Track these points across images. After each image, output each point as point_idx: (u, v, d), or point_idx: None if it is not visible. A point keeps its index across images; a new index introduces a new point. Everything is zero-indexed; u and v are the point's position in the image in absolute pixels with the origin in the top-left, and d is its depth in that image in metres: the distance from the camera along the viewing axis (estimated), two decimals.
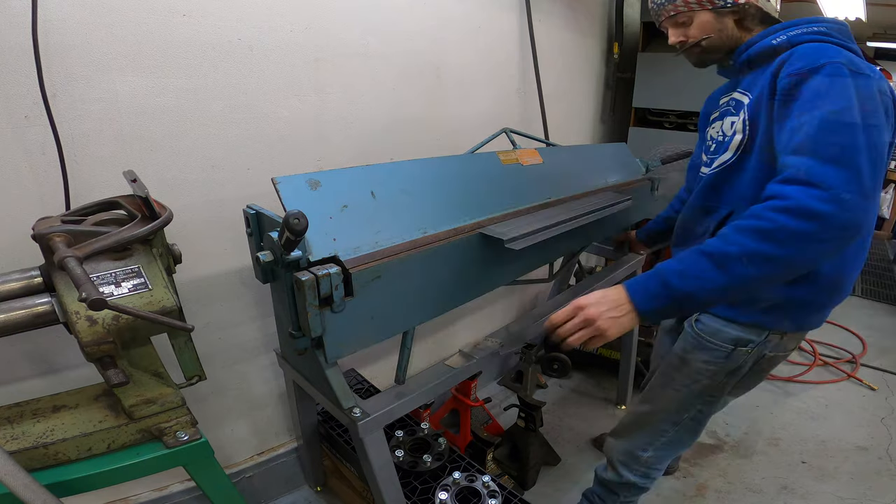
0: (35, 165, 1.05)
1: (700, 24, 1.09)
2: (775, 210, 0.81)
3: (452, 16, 1.72)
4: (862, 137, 0.81)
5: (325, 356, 0.98)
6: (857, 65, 0.87)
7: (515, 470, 1.82)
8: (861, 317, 3.36)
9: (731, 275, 0.82)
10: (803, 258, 0.81)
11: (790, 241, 0.79)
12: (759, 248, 0.81)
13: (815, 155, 0.82)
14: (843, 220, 0.78)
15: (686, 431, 1.24)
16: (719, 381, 1.13)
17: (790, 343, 1.09)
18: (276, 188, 0.91)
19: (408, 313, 1.09)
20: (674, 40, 1.15)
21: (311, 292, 0.86)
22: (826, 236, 0.79)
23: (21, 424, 0.88)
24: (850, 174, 0.79)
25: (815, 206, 0.78)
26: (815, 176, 0.80)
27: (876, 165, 0.81)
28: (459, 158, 1.31)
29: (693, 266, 0.85)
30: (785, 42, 0.99)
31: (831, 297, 1.05)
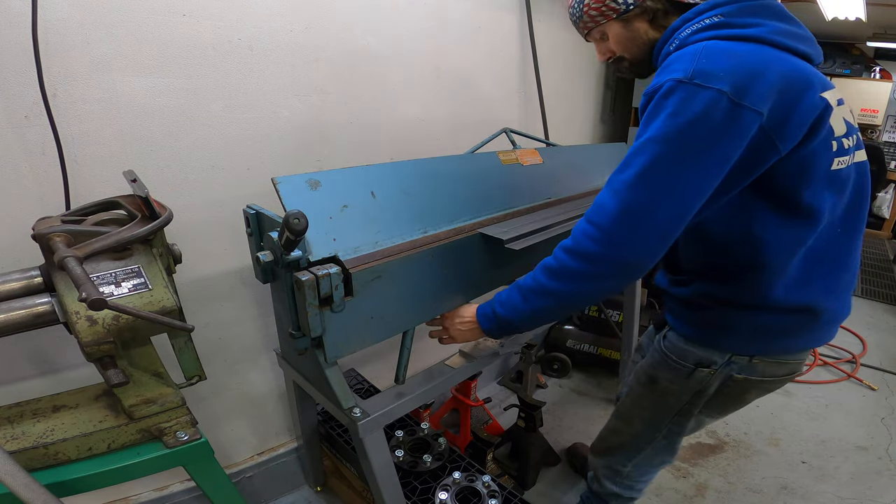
0: (35, 165, 1.05)
1: (614, 36, 1.00)
2: (562, 249, 0.90)
3: (452, 16, 1.72)
4: (650, 170, 0.78)
5: (325, 356, 0.98)
6: (709, 75, 0.76)
7: (515, 470, 1.83)
8: (861, 317, 3.36)
9: (532, 305, 0.94)
10: (586, 293, 0.90)
11: (571, 278, 0.88)
12: (548, 284, 0.91)
13: (609, 188, 0.84)
14: (616, 259, 0.82)
15: (661, 451, 1.20)
16: (685, 401, 1.07)
17: (766, 368, 0.99)
18: (276, 188, 0.91)
19: (408, 313, 1.09)
20: (600, 58, 1.07)
21: (311, 292, 0.86)
22: (603, 273, 0.85)
23: (21, 424, 0.88)
24: (624, 210, 0.80)
25: (588, 247, 0.84)
26: (597, 212, 0.84)
27: (665, 199, 0.79)
28: (459, 158, 1.31)
29: (510, 297, 0.99)
30: (678, 47, 0.89)
31: (799, 321, 0.95)
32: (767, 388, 1.05)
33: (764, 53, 0.81)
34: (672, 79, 0.79)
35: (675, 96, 0.78)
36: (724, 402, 1.07)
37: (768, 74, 0.77)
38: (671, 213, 0.80)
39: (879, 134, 5.47)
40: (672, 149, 0.78)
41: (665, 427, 1.14)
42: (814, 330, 0.98)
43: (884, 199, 5.34)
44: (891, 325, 3.27)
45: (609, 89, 2.77)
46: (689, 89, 0.77)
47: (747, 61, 0.78)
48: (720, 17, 0.86)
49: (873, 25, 4.29)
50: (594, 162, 1.75)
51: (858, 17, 3.61)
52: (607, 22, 0.99)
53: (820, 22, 4.09)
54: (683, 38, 0.89)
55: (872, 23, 4.11)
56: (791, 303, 0.93)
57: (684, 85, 0.77)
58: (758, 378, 1.00)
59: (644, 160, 0.79)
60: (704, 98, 0.76)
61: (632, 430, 1.21)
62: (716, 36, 0.84)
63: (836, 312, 0.98)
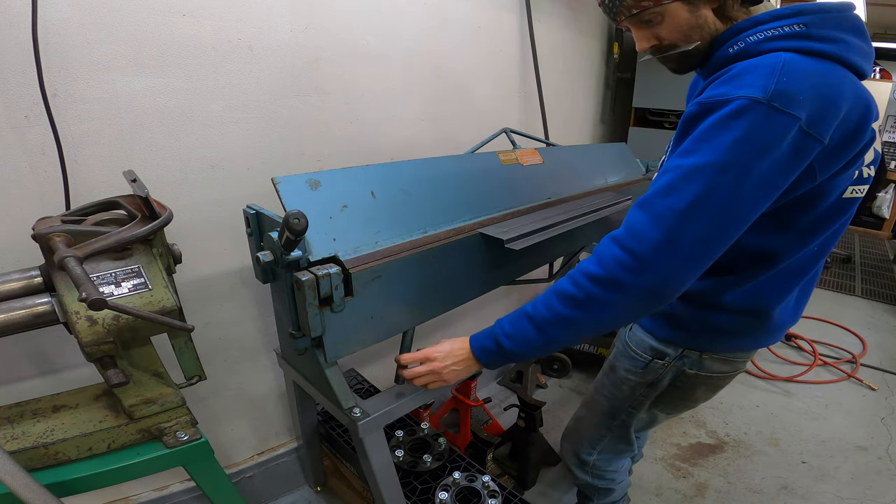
0: (35, 165, 1.05)
1: (673, 20, 0.83)
2: (588, 277, 0.80)
3: (452, 16, 1.72)
4: (705, 202, 0.70)
5: (325, 356, 0.98)
6: (780, 101, 0.67)
7: (515, 470, 1.83)
8: (861, 317, 3.36)
9: (547, 336, 0.86)
10: (611, 322, 0.83)
11: (597, 308, 0.80)
12: (570, 314, 0.83)
13: (646, 211, 0.76)
14: (649, 287, 0.76)
15: (617, 439, 1.22)
16: (639, 392, 1.10)
17: (714, 364, 1.01)
18: (276, 188, 0.91)
19: (408, 313, 1.09)
20: (643, 46, 0.89)
21: (311, 292, 0.86)
22: (633, 304, 0.78)
23: (21, 424, 0.88)
24: (668, 239, 0.72)
25: (621, 278, 0.76)
26: (632, 238, 0.76)
27: (714, 232, 0.72)
28: (459, 158, 1.31)
29: (519, 329, 0.90)
30: (741, 52, 0.80)
31: (750, 325, 0.96)
32: (714, 384, 1.07)
33: (837, 76, 0.73)
34: (747, 96, 0.69)
35: (748, 118, 0.68)
36: (676, 397, 1.09)
37: (840, 102, 0.71)
38: (716, 244, 0.74)
39: (879, 134, 5.47)
40: (734, 179, 0.70)
41: (620, 416, 1.17)
42: (759, 333, 0.99)
43: (884, 199, 5.34)
44: (891, 325, 3.27)
45: (609, 89, 2.77)
46: (766, 112, 0.68)
47: (823, 84, 0.70)
48: (802, 27, 0.75)
49: (873, 25, 4.29)
50: (594, 162, 1.75)
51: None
52: (671, 2, 0.82)
53: None
54: (753, 43, 0.78)
55: (872, 23, 4.12)
56: (741, 306, 0.93)
57: (761, 106, 0.68)
58: (706, 374, 1.03)
59: (699, 188, 0.71)
60: (780, 125, 0.68)
61: (592, 417, 1.25)
62: (795, 48, 0.73)
63: (781, 320, 0.98)
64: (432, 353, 1.01)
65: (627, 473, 1.39)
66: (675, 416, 1.21)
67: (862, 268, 4.39)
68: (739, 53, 0.80)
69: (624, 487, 1.39)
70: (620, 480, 1.35)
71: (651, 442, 2.08)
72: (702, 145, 0.72)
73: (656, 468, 1.95)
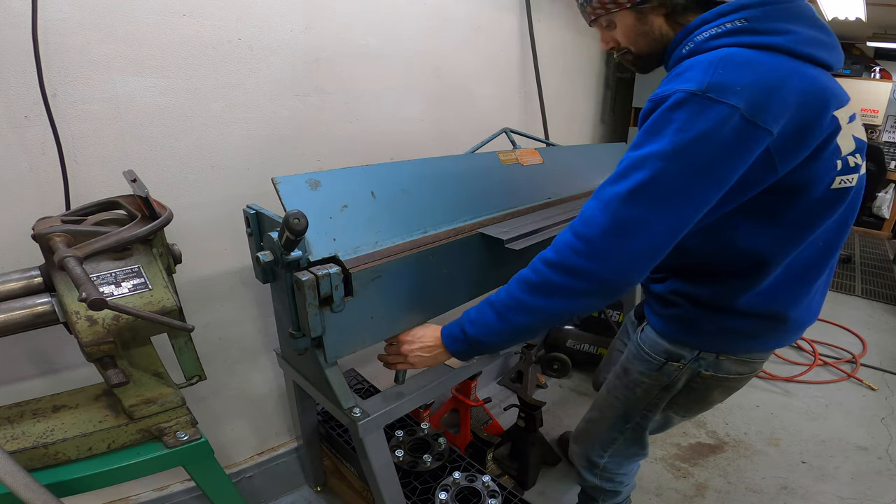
0: (35, 165, 1.05)
1: (623, 27, 0.92)
2: (544, 262, 0.84)
3: (452, 16, 1.72)
4: (649, 187, 0.74)
5: (325, 356, 0.98)
6: (724, 89, 0.71)
7: (515, 470, 1.82)
8: (861, 317, 3.36)
9: (508, 323, 0.88)
10: (567, 309, 0.84)
11: (553, 294, 0.82)
12: (528, 300, 0.85)
13: (598, 198, 0.79)
14: (601, 276, 0.78)
15: (630, 442, 1.21)
16: (654, 394, 1.08)
17: (731, 366, 1.00)
18: (276, 188, 0.91)
19: (407, 313, 1.09)
20: (603, 46, 0.99)
21: (311, 292, 0.86)
22: (587, 290, 0.80)
23: (21, 424, 0.88)
24: (615, 225, 0.76)
25: (573, 262, 0.79)
26: (585, 224, 0.79)
27: (659, 218, 0.75)
28: (459, 158, 1.31)
29: (482, 315, 0.91)
30: (691, 51, 0.83)
31: (764, 326, 0.96)
32: (730, 386, 1.06)
33: (783, 66, 0.75)
34: (683, 89, 0.73)
35: (684, 110, 0.72)
36: (691, 399, 1.08)
37: (786, 91, 0.73)
38: (664, 232, 0.76)
39: (879, 134, 5.47)
40: (675, 167, 0.73)
41: (634, 419, 1.15)
42: (777, 334, 0.98)
43: (884, 199, 5.34)
44: (891, 325, 3.27)
45: (609, 89, 2.77)
46: (702, 103, 0.71)
47: (764, 75, 0.73)
48: (743, 22, 0.78)
49: (873, 25, 4.29)
50: (594, 162, 1.75)
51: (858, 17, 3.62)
52: (619, 10, 0.90)
53: None
54: (699, 42, 0.82)
55: (872, 23, 4.11)
56: (757, 309, 0.93)
57: (696, 98, 0.71)
58: (723, 375, 1.02)
59: (643, 176, 0.74)
60: (715, 114, 0.71)
61: (605, 420, 1.22)
62: (738, 43, 0.77)
63: (800, 320, 0.98)
64: (404, 336, 1.05)
65: (634, 477, 1.38)
66: (690, 418, 1.19)
67: (862, 268, 4.39)
68: (690, 52, 0.83)
69: (629, 490, 1.38)
70: (628, 483, 1.34)
71: (651, 442, 2.07)
72: (647, 137, 0.76)
73: (656, 468, 1.95)
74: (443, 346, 1.00)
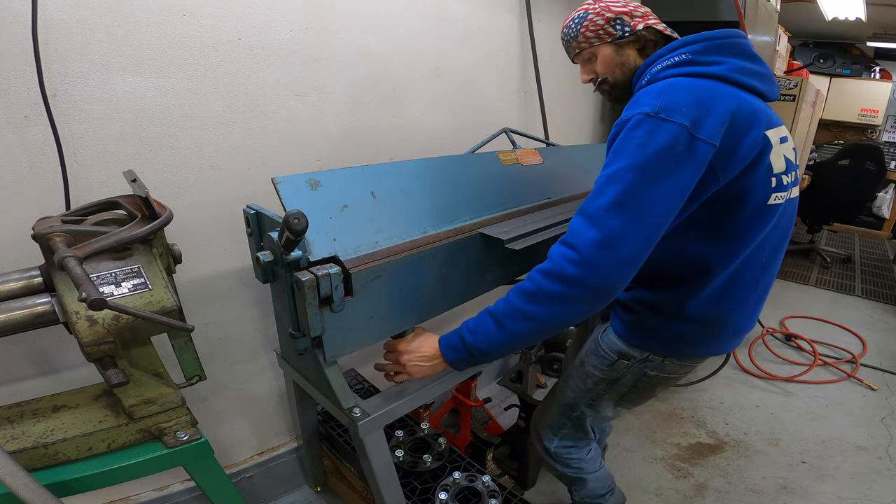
0: (35, 165, 1.05)
1: (603, 59, 1.07)
2: (539, 272, 0.89)
3: (452, 16, 1.72)
4: (624, 198, 0.82)
5: (325, 356, 0.98)
6: (672, 110, 0.83)
7: (515, 470, 1.82)
8: (861, 317, 3.36)
9: (507, 331, 0.92)
10: (562, 316, 0.88)
11: (548, 301, 0.87)
12: (525, 308, 0.89)
13: (583, 214, 0.87)
14: (592, 283, 0.84)
15: (576, 429, 1.30)
16: (602, 388, 1.18)
17: (674, 368, 1.11)
18: (276, 188, 0.91)
19: (408, 312, 1.09)
20: (584, 79, 1.13)
21: (311, 292, 0.86)
22: (578, 296, 0.85)
23: (21, 424, 0.88)
24: (601, 236, 0.82)
25: (566, 270, 0.84)
26: (574, 237, 0.86)
27: (637, 225, 0.82)
28: (459, 158, 1.31)
29: (481, 324, 0.95)
30: (648, 81, 0.97)
31: (708, 333, 1.06)
32: (671, 382, 1.18)
33: (717, 90, 0.88)
34: (640, 112, 0.85)
35: (643, 128, 0.84)
36: (636, 394, 1.18)
37: (718, 109, 0.85)
38: (643, 238, 0.84)
39: (879, 134, 5.48)
40: (642, 176, 0.83)
41: (580, 408, 1.25)
42: (720, 339, 1.08)
43: (884, 199, 5.34)
44: (891, 325, 3.27)
45: None
46: (655, 122, 0.83)
47: (702, 97, 0.85)
48: (687, 56, 0.94)
49: (873, 25, 4.29)
50: (594, 162, 1.75)
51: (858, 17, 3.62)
52: (601, 45, 1.07)
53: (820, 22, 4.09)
54: (654, 73, 0.97)
55: (872, 23, 4.12)
56: (702, 315, 1.03)
57: (651, 118, 0.84)
58: (665, 375, 1.13)
59: (618, 188, 0.83)
60: (668, 131, 0.82)
61: (556, 406, 1.31)
62: (682, 73, 0.92)
63: (739, 326, 1.09)
64: (402, 346, 1.06)
65: (598, 464, 1.40)
66: (634, 409, 1.34)
67: (862, 268, 4.39)
68: (648, 82, 0.97)
69: (600, 479, 1.40)
70: (590, 470, 1.37)
71: (651, 442, 2.09)
72: (615, 156, 0.87)
73: (656, 468, 1.95)
74: (441, 357, 1.02)
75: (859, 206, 4.32)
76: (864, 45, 5.10)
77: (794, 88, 2.48)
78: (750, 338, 2.90)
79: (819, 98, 3.34)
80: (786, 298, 3.59)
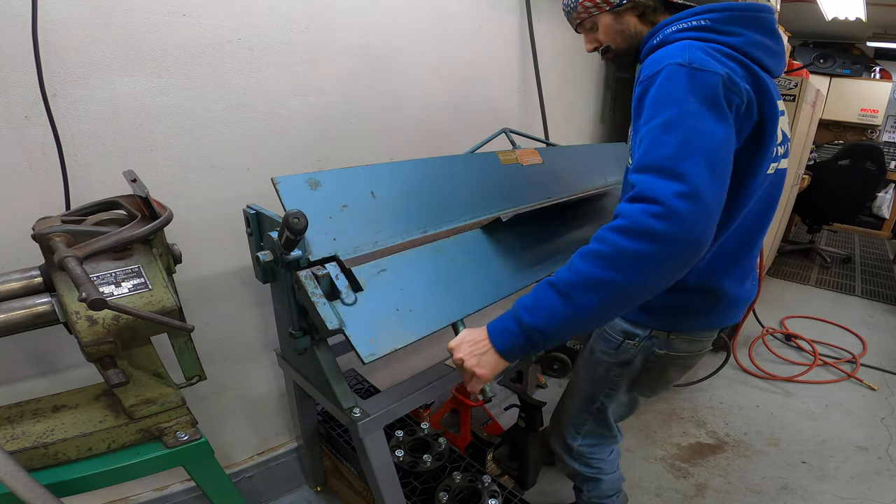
0: (35, 165, 1.05)
1: (603, 28, 1.06)
2: (613, 230, 0.76)
3: (452, 16, 1.72)
4: (690, 144, 0.75)
5: (361, 358, 0.90)
6: (702, 62, 0.80)
7: (515, 470, 1.82)
8: (861, 317, 3.36)
9: (576, 305, 0.77)
10: (644, 281, 0.75)
11: (627, 264, 0.74)
12: (597, 274, 0.76)
13: (646, 169, 0.77)
14: (683, 238, 0.72)
15: (598, 423, 1.26)
16: (614, 373, 1.16)
17: (681, 344, 1.08)
18: (276, 188, 0.91)
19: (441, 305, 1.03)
20: (588, 47, 1.12)
21: (310, 282, 0.86)
22: (667, 256, 0.73)
23: (21, 424, 0.88)
24: (683, 185, 0.73)
25: (650, 225, 0.73)
26: (648, 190, 0.75)
27: (712, 170, 0.75)
28: (459, 158, 1.31)
29: (541, 299, 0.80)
30: (660, 42, 0.94)
31: (707, 302, 1.04)
32: (684, 364, 1.14)
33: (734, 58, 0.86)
34: (672, 63, 0.81)
35: (682, 77, 0.79)
36: (650, 378, 1.15)
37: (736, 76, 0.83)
38: (720, 184, 0.76)
39: (879, 134, 5.47)
40: (701, 121, 0.76)
41: (598, 399, 1.22)
42: (717, 309, 1.06)
43: (884, 199, 5.34)
44: (891, 325, 3.27)
45: (609, 89, 2.77)
46: (692, 72, 0.79)
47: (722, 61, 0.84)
48: (706, 22, 0.90)
49: (873, 25, 4.29)
50: (594, 162, 1.75)
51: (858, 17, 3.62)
52: (599, 13, 1.05)
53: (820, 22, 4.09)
54: (668, 34, 0.93)
55: (872, 23, 4.12)
56: (694, 284, 1.01)
57: (685, 68, 0.80)
58: (675, 353, 1.10)
59: (679, 136, 0.76)
60: (709, 79, 0.79)
61: (575, 401, 1.29)
62: (699, 38, 0.88)
63: (735, 295, 1.06)
64: (451, 344, 0.91)
65: (616, 466, 1.40)
66: (653, 397, 1.27)
67: (862, 268, 4.39)
68: (659, 43, 0.94)
69: (613, 481, 1.39)
70: (608, 471, 1.37)
71: (651, 442, 2.08)
72: (658, 107, 0.80)
73: (656, 468, 1.95)
74: (490, 346, 0.85)
75: (859, 206, 4.31)
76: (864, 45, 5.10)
77: (795, 88, 2.48)
78: (750, 338, 2.90)
79: (819, 98, 3.34)
80: (786, 298, 3.59)
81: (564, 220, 1.47)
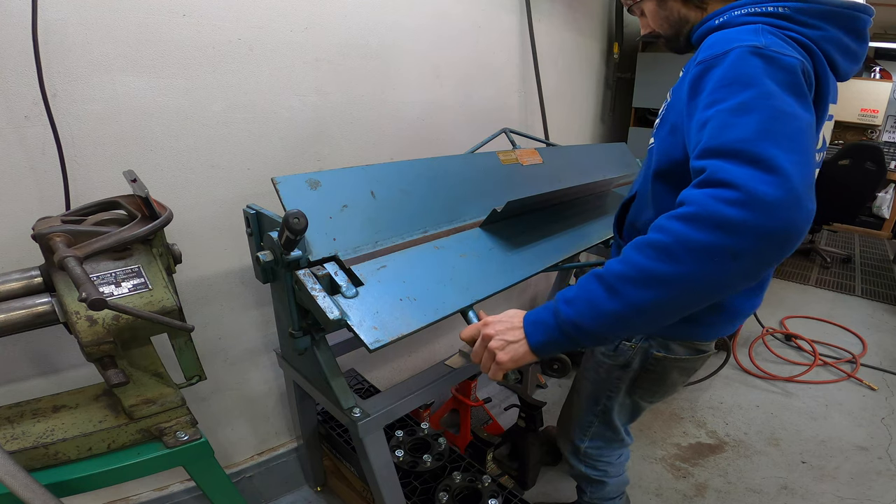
0: (35, 165, 1.05)
1: (650, 14, 1.01)
2: (676, 218, 0.66)
3: (452, 16, 1.72)
4: (773, 125, 0.65)
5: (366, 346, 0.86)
6: (779, 46, 0.72)
7: (515, 470, 1.82)
8: (861, 317, 3.36)
9: (624, 300, 0.67)
10: (714, 278, 0.64)
11: (693, 256, 0.63)
12: (655, 267, 0.65)
13: (717, 154, 0.66)
14: (766, 227, 0.60)
15: (604, 425, 1.25)
16: (614, 375, 1.14)
17: (679, 348, 1.04)
18: (276, 188, 0.91)
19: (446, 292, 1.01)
20: (643, 31, 1.07)
21: (310, 278, 0.86)
22: (745, 250, 0.61)
23: (21, 424, 0.88)
24: (765, 169, 0.62)
25: (725, 213, 0.61)
26: (722, 173, 0.64)
27: (800, 154, 0.64)
28: (459, 158, 1.31)
29: (584, 291, 0.71)
30: (724, 23, 0.85)
31: (710, 314, 0.97)
32: (687, 367, 1.09)
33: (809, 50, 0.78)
34: (742, 46, 0.71)
35: (756, 60, 0.70)
36: (651, 381, 1.11)
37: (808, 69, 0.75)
38: (811, 169, 0.65)
39: (879, 134, 5.47)
40: (785, 103, 0.67)
41: (602, 401, 1.20)
42: (720, 321, 1.02)
43: (884, 199, 5.34)
44: (891, 325, 3.26)
45: (609, 89, 2.77)
46: (768, 56, 0.70)
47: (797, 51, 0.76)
48: (785, 10, 0.79)
49: (873, 25, 4.29)
50: (594, 162, 1.75)
51: None
52: (643, 1, 1.01)
53: None
54: (735, 16, 0.84)
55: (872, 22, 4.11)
56: None
57: (761, 51, 0.70)
58: (674, 357, 1.06)
59: (759, 116, 0.65)
60: (788, 63, 0.70)
61: (580, 402, 1.27)
62: (771, 24, 0.78)
63: (742, 309, 1.02)
64: (488, 318, 0.82)
65: (623, 469, 1.39)
66: (657, 401, 1.23)
67: (862, 268, 4.39)
68: (723, 24, 0.85)
69: (618, 484, 1.39)
70: (615, 474, 1.36)
71: (651, 442, 2.08)
72: (728, 89, 0.70)
73: (656, 468, 1.95)
74: (523, 336, 0.77)
75: (859, 206, 4.31)
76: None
77: None
78: (750, 338, 2.90)
79: None
80: (786, 298, 3.59)
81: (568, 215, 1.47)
